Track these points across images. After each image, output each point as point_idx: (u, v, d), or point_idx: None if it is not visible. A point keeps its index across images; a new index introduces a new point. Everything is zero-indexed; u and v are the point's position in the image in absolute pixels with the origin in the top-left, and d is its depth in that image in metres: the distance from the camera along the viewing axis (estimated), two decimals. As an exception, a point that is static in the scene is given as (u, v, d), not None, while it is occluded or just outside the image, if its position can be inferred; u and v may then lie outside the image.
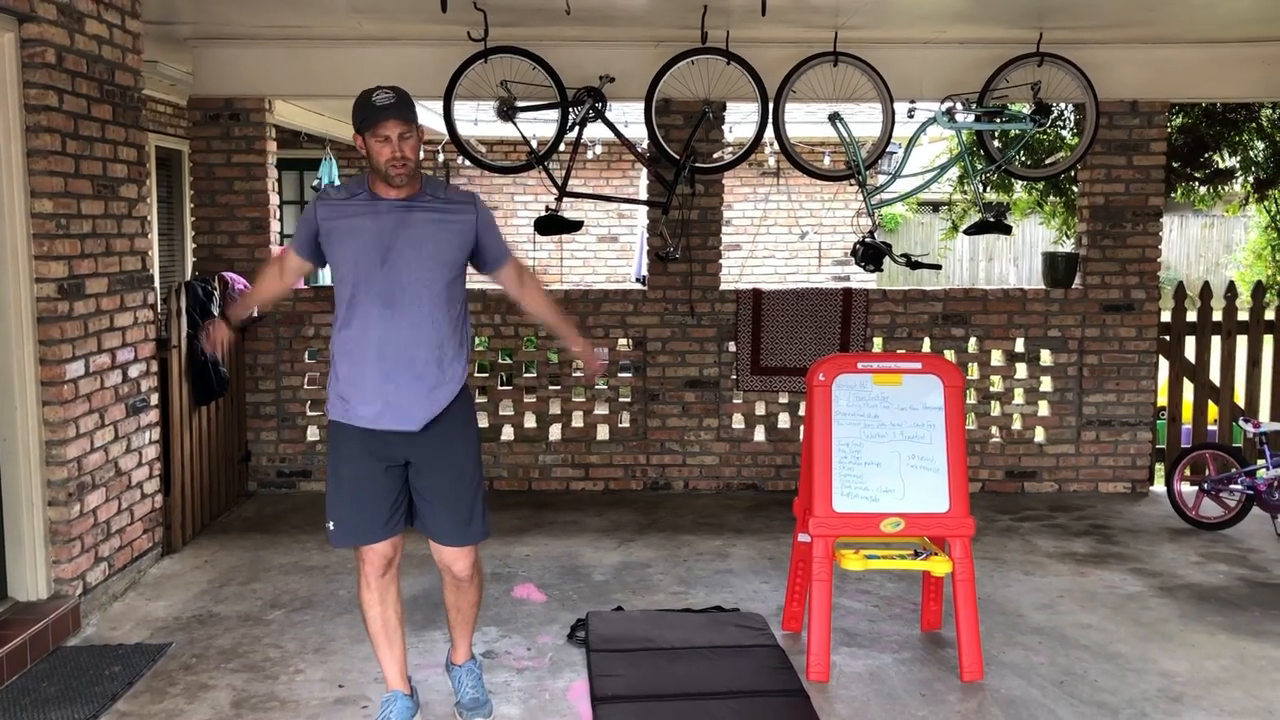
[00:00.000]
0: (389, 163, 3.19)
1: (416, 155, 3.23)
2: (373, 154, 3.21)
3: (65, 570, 4.37)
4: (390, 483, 3.36)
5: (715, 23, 5.82)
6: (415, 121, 3.23)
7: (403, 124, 3.18)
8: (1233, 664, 4.11)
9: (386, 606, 3.45)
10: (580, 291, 6.72)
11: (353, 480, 3.36)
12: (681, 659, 4.05)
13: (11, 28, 4.10)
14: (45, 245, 4.22)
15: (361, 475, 3.35)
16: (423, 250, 3.26)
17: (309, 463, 6.61)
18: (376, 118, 3.18)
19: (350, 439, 3.35)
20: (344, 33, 6.17)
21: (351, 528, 3.37)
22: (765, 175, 12.89)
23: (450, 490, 3.39)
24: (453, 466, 3.39)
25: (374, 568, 3.40)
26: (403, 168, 3.20)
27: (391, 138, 3.18)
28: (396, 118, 3.18)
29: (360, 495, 3.35)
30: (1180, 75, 6.51)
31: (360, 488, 3.35)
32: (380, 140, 3.19)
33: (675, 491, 6.67)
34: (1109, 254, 6.63)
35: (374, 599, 3.43)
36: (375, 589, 3.43)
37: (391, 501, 3.37)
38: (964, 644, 3.94)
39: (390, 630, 3.47)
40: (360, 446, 3.34)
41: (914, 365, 4.16)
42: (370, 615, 3.45)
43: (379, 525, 3.36)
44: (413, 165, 3.22)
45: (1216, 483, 5.89)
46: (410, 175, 3.24)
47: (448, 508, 3.40)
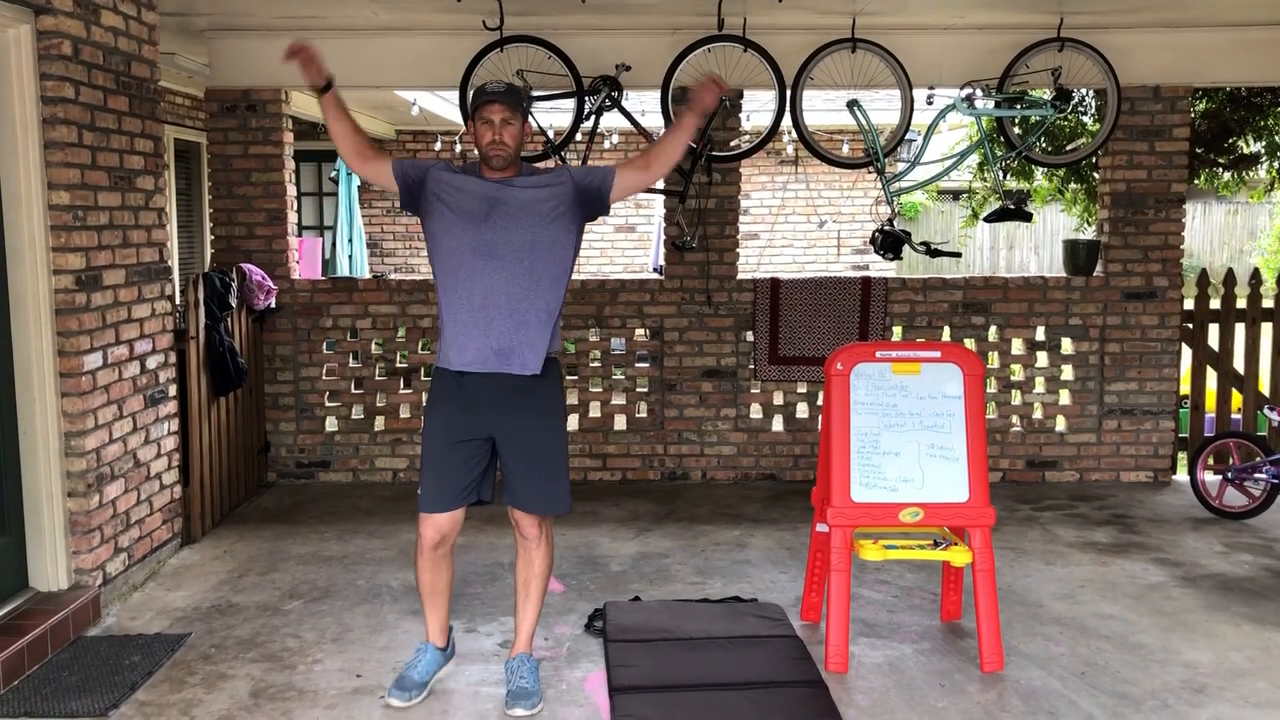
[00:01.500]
0: (489, 145, 3.51)
1: (517, 143, 3.54)
2: (477, 136, 3.53)
3: (85, 561, 4.39)
4: (473, 451, 3.60)
5: (732, 9, 5.78)
6: (519, 112, 3.53)
7: (506, 110, 3.49)
8: (1258, 655, 4.07)
9: (437, 576, 3.74)
10: (597, 281, 6.71)
11: (442, 440, 3.60)
12: (699, 649, 4.04)
13: (28, 19, 4.11)
14: (62, 237, 4.23)
15: (446, 445, 3.60)
16: (525, 211, 3.53)
17: (328, 454, 6.63)
18: (482, 100, 3.50)
19: (449, 394, 3.59)
20: (360, 23, 6.16)
21: (435, 491, 3.62)
22: (783, 163, 12.83)
23: (534, 456, 3.61)
24: (537, 432, 3.61)
25: (429, 540, 3.65)
26: (501, 150, 3.50)
27: (494, 121, 3.49)
28: (501, 103, 3.49)
29: (446, 456, 3.60)
30: (1203, 59, 6.43)
31: (443, 457, 3.60)
32: (483, 123, 3.50)
33: (693, 481, 6.66)
34: (1131, 241, 6.57)
35: (426, 566, 3.72)
36: (428, 559, 3.70)
37: (466, 477, 3.61)
38: (984, 634, 3.91)
39: (436, 593, 3.76)
40: (457, 405, 3.58)
41: (933, 354, 4.12)
42: (421, 579, 3.76)
43: (450, 495, 3.61)
44: (510, 151, 3.52)
45: (1241, 471, 5.83)
46: (508, 160, 3.53)
47: (530, 475, 3.61)
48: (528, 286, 3.53)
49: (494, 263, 3.51)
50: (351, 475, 6.65)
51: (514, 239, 3.52)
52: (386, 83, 7.01)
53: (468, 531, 3.95)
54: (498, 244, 3.51)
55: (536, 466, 3.61)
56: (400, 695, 3.66)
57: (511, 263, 3.52)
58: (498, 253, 3.51)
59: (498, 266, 3.51)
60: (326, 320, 6.57)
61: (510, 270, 3.52)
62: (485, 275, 3.51)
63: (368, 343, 6.62)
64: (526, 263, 3.53)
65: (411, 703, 3.66)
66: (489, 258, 3.51)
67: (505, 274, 3.51)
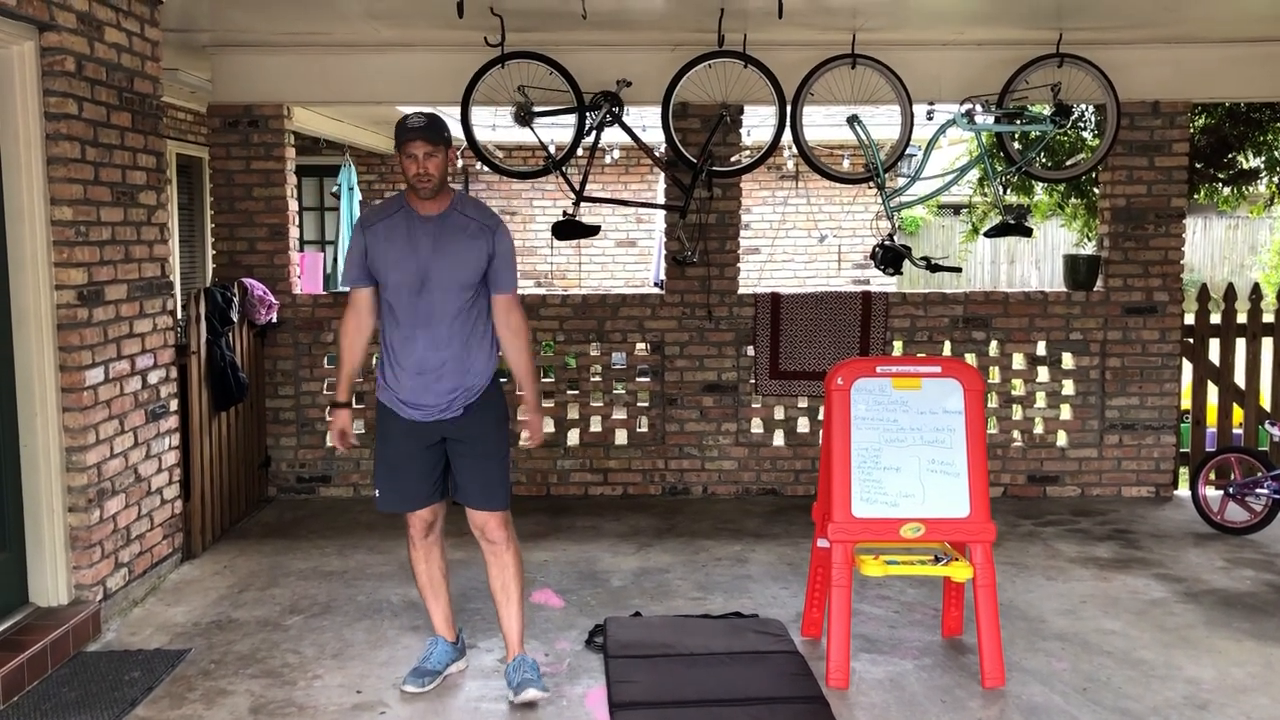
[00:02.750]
0: (414, 177, 3.64)
1: (441, 172, 3.65)
2: (403, 168, 3.66)
3: (85, 576, 4.38)
4: (427, 459, 3.82)
5: (732, 26, 5.80)
6: (440, 142, 3.63)
7: (428, 144, 3.60)
8: (1260, 671, 4.06)
9: (431, 564, 3.96)
10: (598, 296, 6.71)
11: (394, 458, 3.83)
12: (700, 665, 4.03)
13: (32, 36, 4.13)
14: (65, 252, 4.24)
15: (401, 454, 3.82)
16: (454, 273, 3.68)
17: (328, 468, 6.62)
18: (404, 137, 3.62)
19: (394, 422, 3.82)
20: (361, 39, 6.19)
21: (393, 497, 3.86)
22: (784, 178, 12.85)
23: (477, 462, 3.80)
24: (480, 443, 3.81)
25: (417, 530, 3.91)
26: (426, 182, 3.63)
27: (417, 155, 3.61)
28: (422, 139, 3.60)
29: (399, 471, 3.83)
30: (1202, 75, 6.45)
31: (400, 464, 3.83)
32: (407, 157, 3.63)
33: (694, 496, 6.65)
34: (1131, 256, 6.57)
35: (419, 556, 3.95)
36: (420, 548, 3.94)
37: (429, 476, 3.84)
38: (985, 650, 3.90)
39: (435, 584, 3.97)
40: (402, 429, 3.81)
41: (933, 369, 4.12)
42: (417, 571, 3.98)
43: (418, 496, 3.85)
44: (436, 180, 3.64)
45: (1242, 487, 5.82)
46: (436, 189, 3.66)
47: (475, 477, 3.81)
48: (464, 340, 3.72)
49: (431, 327, 3.69)
50: (352, 490, 6.64)
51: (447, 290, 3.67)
52: (388, 98, 7.03)
53: (467, 547, 3.99)
54: (433, 309, 3.68)
55: (482, 466, 3.80)
56: (415, 682, 3.85)
57: (447, 321, 3.69)
58: (433, 318, 3.69)
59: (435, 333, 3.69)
60: (327, 335, 6.57)
61: (449, 329, 3.69)
62: (421, 342, 3.69)
63: (369, 357, 6.61)
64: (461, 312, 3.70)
65: (427, 688, 3.85)
66: (427, 323, 3.69)
67: (445, 338, 3.69)
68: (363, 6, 5.51)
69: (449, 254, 3.68)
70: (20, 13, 3.93)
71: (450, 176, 3.74)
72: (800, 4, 5.32)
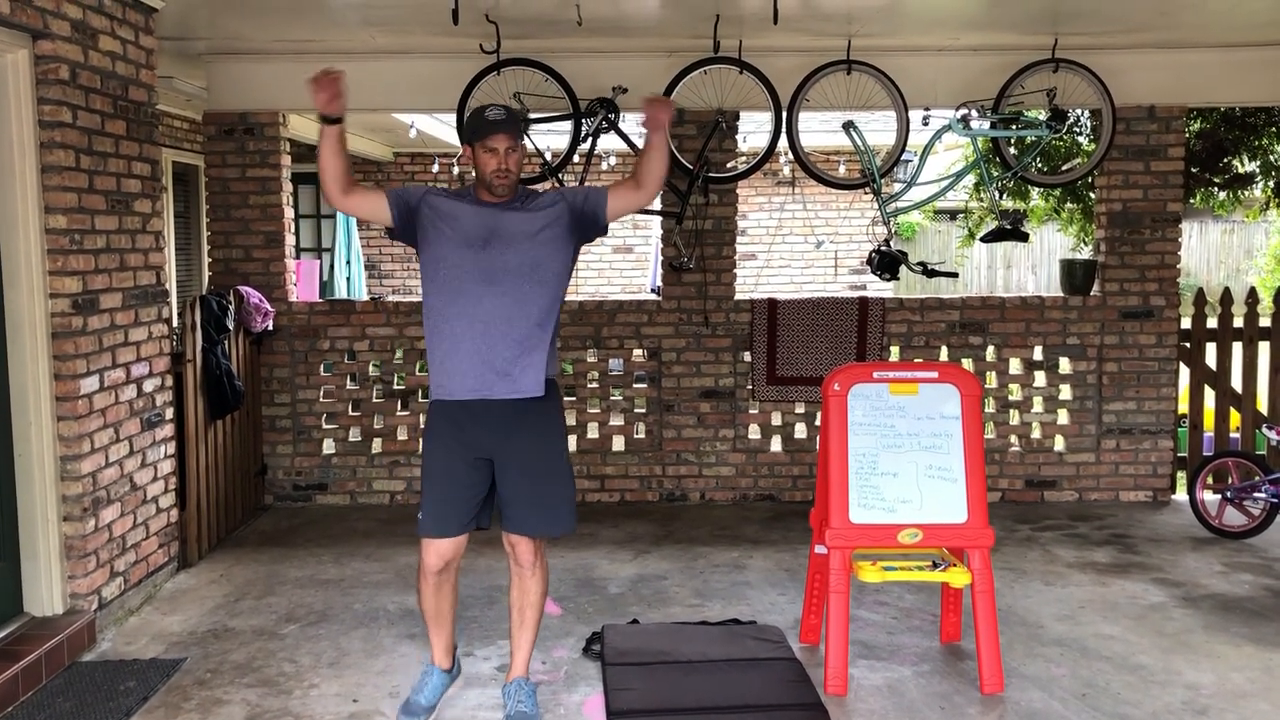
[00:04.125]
0: (494, 173, 3.50)
1: (519, 169, 3.57)
2: (479, 163, 3.52)
3: (80, 585, 4.36)
4: (472, 476, 3.57)
5: (728, 32, 5.80)
6: (521, 138, 3.55)
7: (510, 138, 3.49)
8: (1259, 676, 4.05)
9: (441, 598, 3.70)
10: (595, 302, 6.71)
11: (438, 470, 3.58)
12: (698, 672, 4.02)
13: (26, 44, 4.12)
14: (59, 260, 4.23)
15: (448, 470, 3.57)
16: (522, 237, 3.53)
17: (325, 476, 6.61)
18: (488, 130, 3.47)
19: (446, 424, 3.57)
20: (357, 46, 6.19)
21: (436, 517, 3.58)
22: (780, 184, 12.86)
23: (535, 476, 3.58)
24: (538, 452, 3.59)
25: (433, 562, 3.61)
26: (505, 178, 3.50)
27: (499, 150, 3.48)
28: (506, 132, 3.48)
29: (443, 483, 3.57)
30: (1198, 79, 6.45)
31: (444, 477, 3.57)
32: (488, 151, 3.48)
33: (691, 503, 6.64)
34: (1128, 261, 6.58)
35: (429, 591, 3.68)
36: (431, 583, 3.66)
37: (471, 499, 3.59)
38: (984, 656, 3.89)
39: (440, 616, 3.73)
40: (455, 434, 3.55)
41: (930, 374, 4.12)
42: (425, 602, 3.71)
43: (452, 522, 3.57)
44: (514, 178, 3.54)
45: (1240, 491, 5.81)
46: (511, 186, 3.54)
47: (530, 495, 3.59)
48: (527, 311, 3.52)
49: (494, 288, 3.50)
50: (349, 498, 6.63)
51: (512, 264, 3.51)
52: (384, 105, 7.03)
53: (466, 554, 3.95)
54: (496, 270, 3.50)
55: (537, 488, 3.59)
56: (407, 718, 3.65)
57: (511, 288, 3.51)
58: (497, 278, 3.50)
59: (498, 292, 3.50)
60: (324, 342, 6.56)
61: (510, 296, 3.51)
62: (486, 301, 3.50)
63: (365, 365, 6.62)
64: (525, 287, 3.52)
65: None
66: (488, 283, 3.50)
67: (505, 299, 3.50)
68: (358, 14, 5.50)
69: (517, 223, 3.51)
70: (14, 20, 3.92)
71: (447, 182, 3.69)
72: (795, 10, 5.33)
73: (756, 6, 5.27)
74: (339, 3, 5.29)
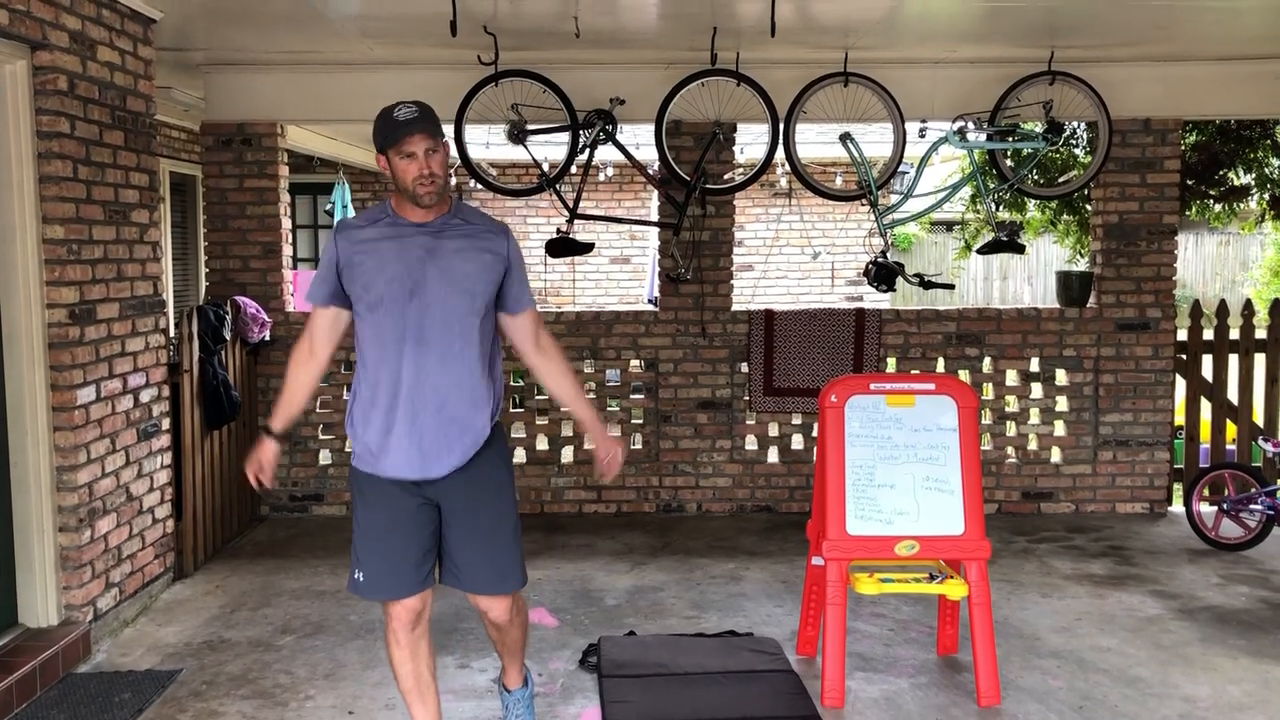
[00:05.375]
0: (416, 180, 2.96)
1: (445, 172, 3.00)
2: (398, 173, 2.97)
3: (76, 596, 4.35)
4: (422, 525, 3.10)
5: (725, 44, 5.82)
6: (442, 136, 3.01)
7: (429, 138, 2.95)
8: (1256, 688, 4.04)
9: (419, 663, 3.20)
10: (592, 313, 6.71)
11: (381, 527, 3.09)
12: (695, 685, 4.01)
13: (24, 55, 4.13)
14: (57, 271, 4.23)
15: (390, 520, 3.08)
16: (454, 281, 3.01)
17: (321, 486, 6.60)
18: (401, 133, 2.94)
19: (377, 484, 3.10)
20: (355, 58, 6.20)
21: (382, 579, 3.08)
22: (777, 196, 12.88)
23: (487, 535, 3.14)
24: (488, 510, 3.14)
25: (403, 623, 3.14)
26: (431, 185, 2.97)
27: (418, 153, 2.95)
28: (422, 132, 2.95)
29: (390, 542, 3.07)
30: (1193, 92, 6.48)
31: (390, 534, 3.08)
32: (405, 157, 2.95)
33: (688, 514, 6.63)
34: (1124, 272, 6.59)
35: (404, 656, 3.17)
36: (405, 646, 3.16)
37: (424, 547, 3.11)
38: (981, 668, 3.89)
39: (423, 686, 3.22)
40: (388, 490, 3.08)
41: (927, 386, 4.12)
42: (401, 673, 3.20)
43: (410, 576, 3.09)
44: (442, 183, 2.99)
45: (1236, 503, 5.82)
46: (439, 194, 3.01)
47: (484, 555, 3.14)
48: (465, 369, 3.03)
49: (426, 352, 3.00)
50: (345, 509, 6.61)
51: (444, 307, 3.01)
52: (382, 116, 7.04)
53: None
54: (426, 329, 2.99)
55: (492, 541, 3.15)
56: None
57: (442, 348, 3.01)
58: (428, 338, 3.00)
59: (434, 359, 3.00)
60: (321, 353, 6.54)
61: (442, 354, 3.01)
62: (421, 373, 3.00)
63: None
64: (459, 345, 3.02)
65: None
66: (419, 345, 3.00)
67: (438, 363, 3.01)
68: (357, 25, 5.52)
69: (450, 266, 3.00)
70: (12, 32, 3.93)
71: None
72: (793, 22, 5.34)
73: (754, 19, 5.28)
74: (337, 14, 5.30)
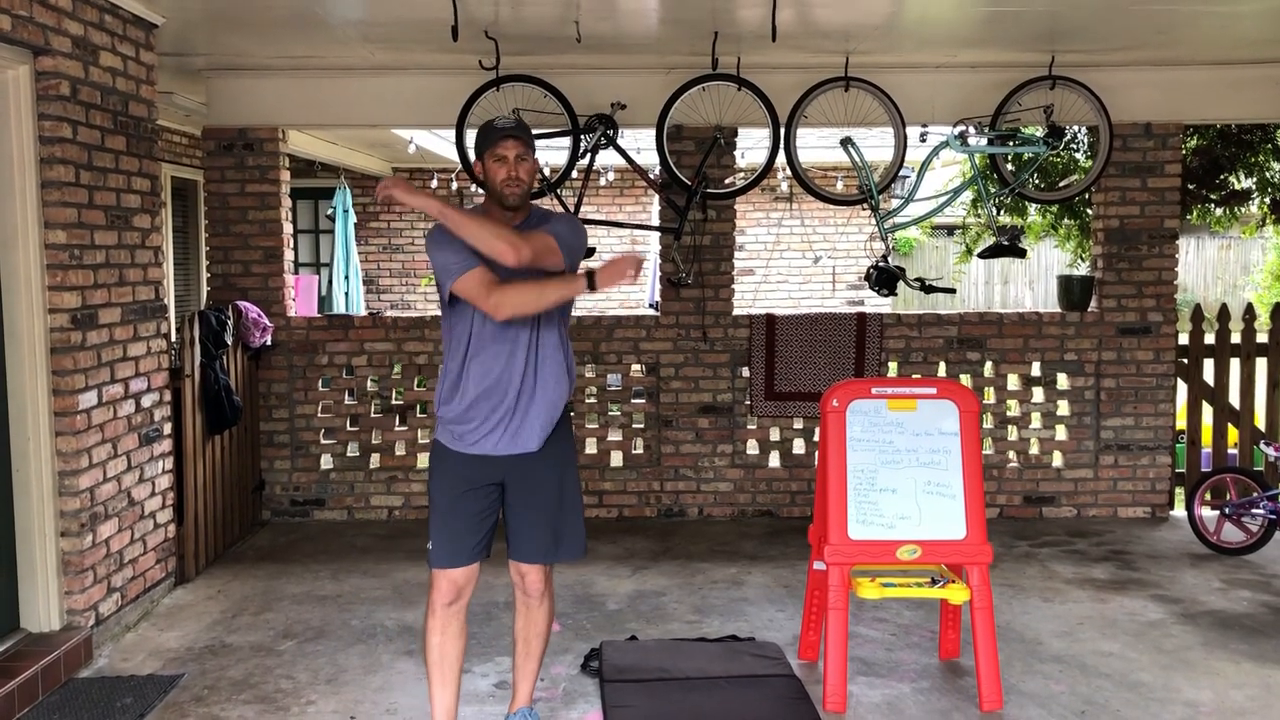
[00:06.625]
0: (504, 182, 3.32)
1: (531, 179, 3.38)
2: (490, 175, 3.35)
3: (77, 601, 4.35)
4: (482, 505, 3.41)
5: (726, 49, 5.82)
6: (533, 147, 3.38)
7: (520, 145, 3.33)
8: (1259, 693, 4.04)
9: (447, 638, 3.42)
10: (593, 317, 6.71)
11: (449, 502, 3.41)
12: (697, 689, 4.00)
13: (26, 60, 4.13)
14: (58, 275, 4.23)
15: (457, 496, 3.40)
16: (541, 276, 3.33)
17: (323, 491, 6.60)
18: (496, 138, 3.32)
19: (458, 466, 3.41)
20: (356, 63, 6.21)
21: (445, 549, 3.40)
22: (778, 200, 12.89)
23: (552, 507, 3.46)
24: (556, 483, 3.47)
25: (443, 595, 3.40)
26: (516, 187, 3.33)
27: (508, 158, 3.32)
28: (515, 139, 3.32)
29: (454, 514, 3.41)
30: (1194, 97, 6.48)
31: (455, 508, 3.40)
32: (497, 160, 3.32)
33: (689, 518, 6.63)
34: (1125, 277, 6.59)
35: (436, 626, 3.42)
36: (439, 617, 3.41)
37: (482, 526, 3.42)
38: (983, 673, 3.89)
39: (447, 665, 3.43)
40: (467, 474, 3.40)
41: (929, 390, 4.12)
42: (430, 644, 3.43)
43: (467, 549, 3.39)
44: (526, 187, 3.35)
45: (1238, 507, 5.81)
46: (523, 197, 3.35)
47: (546, 524, 3.45)
48: (557, 348, 3.40)
49: (529, 330, 3.34)
50: (346, 513, 6.61)
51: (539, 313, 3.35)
52: (383, 121, 7.05)
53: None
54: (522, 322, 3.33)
55: (554, 517, 3.46)
56: None
57: (543, 324, 3.37)
58: (521, 333, 3.33)
59: (531, 338, 3.35)
60: (322, 357, 6.56)
61: (543, 333, 3.37)
62: (515, 355, 3.34)
63: (363, 380, 6.62)
64: (551, 334, 3.39)
65: None
66: (524, 328, 3.33)
67: (539, 343, 3.36)
68: (358, 30, 5.53)
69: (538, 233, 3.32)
70: (15, 37, 3.93)
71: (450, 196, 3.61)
72: (794, 27, 5.35)
73: (755, 24, 5.29)
74: (339, 19, 5.31)
